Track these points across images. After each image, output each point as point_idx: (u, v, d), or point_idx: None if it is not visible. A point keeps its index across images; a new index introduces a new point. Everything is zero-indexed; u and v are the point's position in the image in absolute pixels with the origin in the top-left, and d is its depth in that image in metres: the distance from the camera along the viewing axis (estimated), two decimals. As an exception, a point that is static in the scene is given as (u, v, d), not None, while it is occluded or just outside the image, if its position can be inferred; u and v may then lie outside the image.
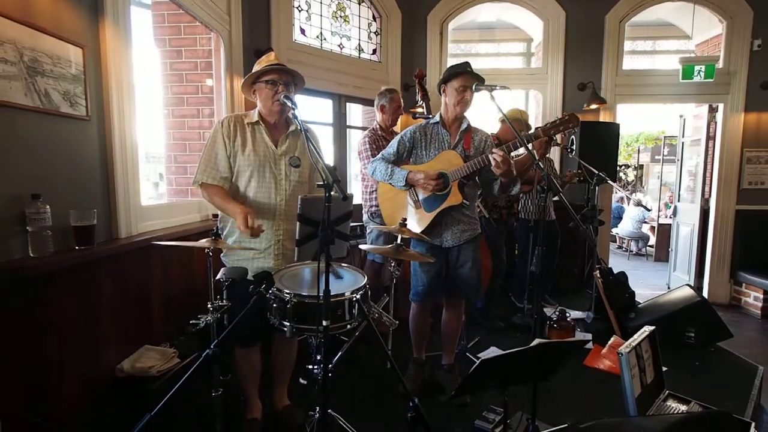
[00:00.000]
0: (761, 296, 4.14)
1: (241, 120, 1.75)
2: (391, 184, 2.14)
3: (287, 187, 1.75)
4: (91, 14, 1.84)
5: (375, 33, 4.19)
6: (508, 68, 5.54)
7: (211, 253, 1.43)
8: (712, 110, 4.53)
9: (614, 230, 8.07)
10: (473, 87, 1.98)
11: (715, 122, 4.52)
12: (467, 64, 2.04)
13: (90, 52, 1.81)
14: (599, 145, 3.93)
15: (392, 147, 2.17)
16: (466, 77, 2.00)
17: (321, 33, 3.81)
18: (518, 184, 2.04)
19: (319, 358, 1.38)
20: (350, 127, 4.08)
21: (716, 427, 1.37)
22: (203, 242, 1.46)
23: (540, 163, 1.81)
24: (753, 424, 1.76)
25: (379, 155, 2.21)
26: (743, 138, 4.32)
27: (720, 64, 4.25)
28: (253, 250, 1.73)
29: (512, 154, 2.02)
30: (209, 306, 1.38)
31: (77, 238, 1.69)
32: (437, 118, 2.13)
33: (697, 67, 4.09)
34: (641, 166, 11.99)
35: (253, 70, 1.73)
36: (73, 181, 1.75)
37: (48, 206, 1.55)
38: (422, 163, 2.12)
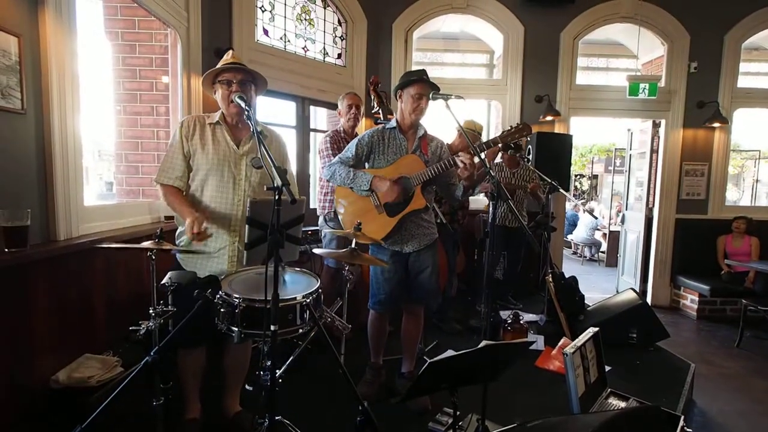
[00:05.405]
0: (697, 299, 4.47)
1: (202, 120, 1.77)
2: (351, 188, 2.09)
3: (246, 188, 1.73)
4: (29, 2, 1.73)
5: (340, 38, 4.19)
6: (471, 78, 5.70)
7: (154, 257, 1.37)
8: (656, 125, 4.87)
9: (569, 237, 8.46)
10: (430, 95, 2.00)
11: (658, 137, 4.86)
12: (423, 71, 2.03)
13: (27, 41, 1.70)
14: (553, 155, 4.12)
15: (350, 150, 2.10)
16: (422, 85, 1.99)
17: (285, 35, 3.77)
18: (478, 188, 2.11)
19: (268, 363, 1.35)
20: (314, 130, 4.05)
21: (646, 421, 1.46)
22: (147, 244, 1.40)
23: (491, 171, 1.87)
24: (682, 417, 1.89)
25: (336, 159, 2.14)
26: (682, 152, 4.69)
27: (662, 83, 4.59)
28: (205, 253, 1.69)
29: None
30: (151, 311, 1.33)
31: (7, 239, 1.58)
32: (393, 123, 2.12)
33: (642, 85, 4.40)
34: (596, 176, 12.67)
35: None
36: (5, 178, 1.63)
37: (-27, 205, 1.44)
38: (380, 167, 2.09)
